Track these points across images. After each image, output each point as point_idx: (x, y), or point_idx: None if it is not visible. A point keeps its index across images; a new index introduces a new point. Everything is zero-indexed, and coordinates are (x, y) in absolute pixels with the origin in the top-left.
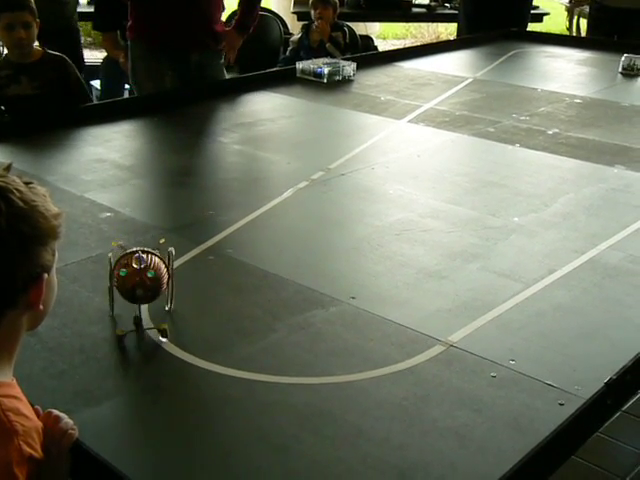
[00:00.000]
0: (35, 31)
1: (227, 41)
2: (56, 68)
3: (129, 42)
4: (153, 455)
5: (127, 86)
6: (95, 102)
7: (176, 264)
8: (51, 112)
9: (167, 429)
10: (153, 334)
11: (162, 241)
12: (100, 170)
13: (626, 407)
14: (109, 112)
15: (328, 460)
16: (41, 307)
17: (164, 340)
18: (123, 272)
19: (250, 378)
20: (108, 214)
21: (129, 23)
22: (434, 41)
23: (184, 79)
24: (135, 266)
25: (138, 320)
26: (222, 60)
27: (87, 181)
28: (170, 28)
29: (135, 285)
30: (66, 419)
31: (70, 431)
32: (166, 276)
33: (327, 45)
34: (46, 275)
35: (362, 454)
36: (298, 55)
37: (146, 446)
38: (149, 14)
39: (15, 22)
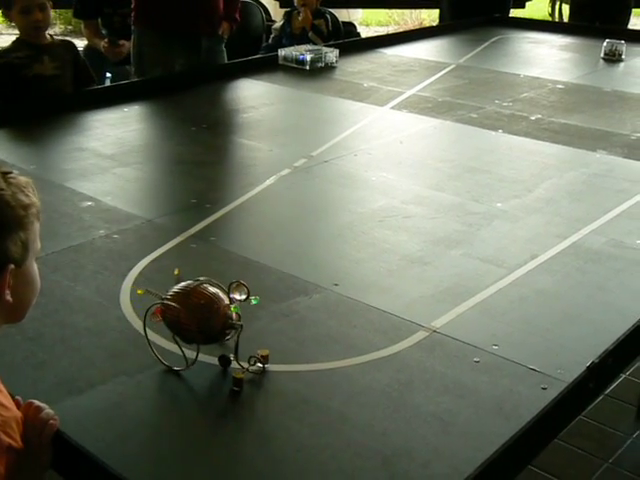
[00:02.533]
0: (51, 13)
1: None
2: (68, 50)
3: (134, 29)
4: (135, 445)
5: (108, 74)
6: None
7: (159, 252)
8: (28, 101)
9: (150, 419)
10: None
11: (177, 272)
12: (80, 159)
13: (609, 390)
14: (89, 100)
15: (312, 447)
16: (9, 299)
17: (262, 366)
18: (236, 309)
19: (233, 366)
20: (89, 203)
21: (134, 10)
22: (417, 27)
23: (194, 65)
24: (239, 297)
25: (228, 358)
26: (224, 45)
27: (67, 170)
28: (181, 14)
29: (230, 318)
30: (47, 409)
31: (51, 421)
32: None
33: (310, 34)
34: (12, 266)
35: (346, 440)
36: (280, 42)
37: (128, 436)
38: (158, 0)
39: (31, 5)
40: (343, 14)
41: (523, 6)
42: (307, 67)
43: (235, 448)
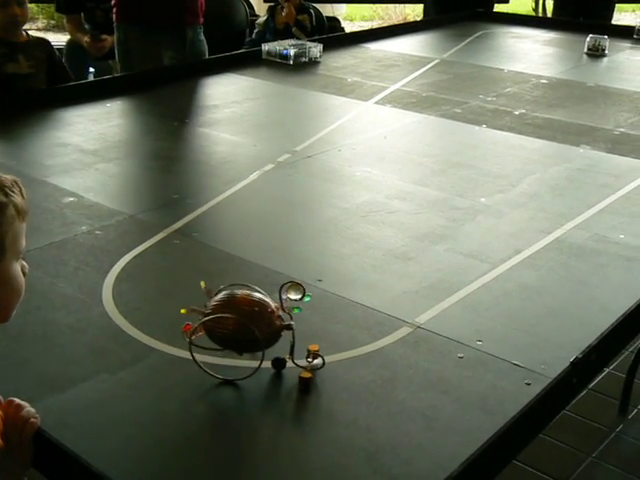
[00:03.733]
0: (28, 9)
1: None
2: (43, 49)
3: (118, 26)
4: (117, 443)
5: (91, 69)
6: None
7: (141, 248)
8: (12, 96)
9: (132, 416)
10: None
11: (204, 285)
12: (63, 154)
13: (592, 385)
14: (71, 95)
15: (296, 444)
16: None
17: (316, 362)
18: (297, 309)
19: (216, 363)
20: (71, 199)
21: (115, 7)
22: (401, 22)
23: (180, 57)
24: (294, 297)
25: (283, 360)
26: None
27: (49, 165)
28: (165, 7)
29: (282, 319)
30: (28, 407)
31: (32, 420)
32: None
33: (293, 29)
34: None
35: (330, 437)
36: (264, 37)
37: (110, 434)
38: None
39: None
40: (327, 9)
41: (507, 1)
42: (291, 62)
43: (215, 446)
